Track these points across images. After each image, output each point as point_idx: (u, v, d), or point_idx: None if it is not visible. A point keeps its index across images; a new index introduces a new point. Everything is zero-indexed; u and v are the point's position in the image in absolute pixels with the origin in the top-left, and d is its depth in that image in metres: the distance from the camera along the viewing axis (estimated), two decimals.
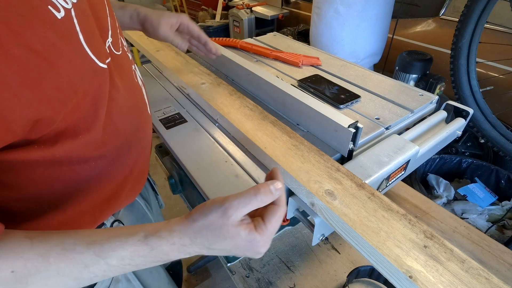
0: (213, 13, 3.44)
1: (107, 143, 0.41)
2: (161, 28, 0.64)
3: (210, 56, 0.75)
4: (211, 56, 0.75)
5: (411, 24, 1.84)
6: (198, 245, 0.34)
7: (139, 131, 0.49)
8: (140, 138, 0.50)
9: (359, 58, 1.58)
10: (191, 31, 0.69)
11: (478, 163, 1.47)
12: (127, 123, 0.45)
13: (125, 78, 0.44)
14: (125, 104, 0.44)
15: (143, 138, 0.51)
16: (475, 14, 1.12)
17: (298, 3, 2.72)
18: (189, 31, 0.69)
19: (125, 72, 0.45)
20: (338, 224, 0.40)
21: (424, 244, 0.36)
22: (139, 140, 0.50)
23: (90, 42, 0.34)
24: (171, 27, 0.66)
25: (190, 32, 0.69)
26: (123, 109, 0.43)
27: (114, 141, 0.43)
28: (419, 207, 0.81)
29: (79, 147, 0.37)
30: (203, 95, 0.67)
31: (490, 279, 0.33)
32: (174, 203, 1.85)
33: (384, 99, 0.69)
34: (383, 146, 0.54)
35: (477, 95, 1.24)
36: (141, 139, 0.50)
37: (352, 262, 0.68)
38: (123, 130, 0.44)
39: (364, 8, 1.42)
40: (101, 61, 0.36)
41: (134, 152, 0.49)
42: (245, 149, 0.56)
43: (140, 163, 0.52)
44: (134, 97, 0.47)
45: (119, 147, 0.44)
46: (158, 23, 0.64)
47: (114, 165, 0.45)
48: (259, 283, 0.64)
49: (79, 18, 0.33)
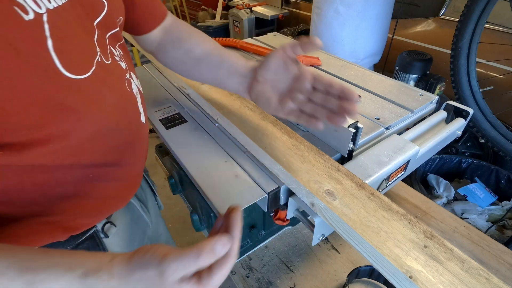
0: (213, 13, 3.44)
1: (87, 151, 0.40)
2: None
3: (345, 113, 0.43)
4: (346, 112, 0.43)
5: (411, 24, 1.84)
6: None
7: (128, 140, 0.48)
8: (129, 147, 0.48)
9: (359, 58, 1.58)
10: (323, 83, 0.45)
11: (478, 163, 1.47)
12: (114, 132, 0.44)
13: (113, 88, 0.43)
14: (111, 114, 0.43)
15: (133, 147, 0.50)
16: (475, 14, 1.12)
17: (298, 3, 2.72)
18: (320, 83, 0.45)
19: (115, 81, 0.44)
20: (338, 224, 0.40)
21: (424, 244, 0.36)
22: (128, 149, 0.48)
23: (61, 50, 0.33)
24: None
25: (321, 85, 0.45)
26: (110, 118, 0.42)
27: (96, 150, 0.42)
28: (419, 207, 0.81)
29: (51, 154, 0.36)
30: (203, 95, 0.67)
31: (490, 279, 0.33)
32: (174, 203, 1.85)
33: (384, 99, 0.69)
34: (383, 146, 0.54)
35: (477, 95, 1.24)
36: (130, 148, 0.49)
37: (352, 262, 0.68)
38: (106, 140, 0.43)
39: (364, 8, 1.42)
40: (72, 71, 0.34)
41: (122, 161, 0.48)
42: (245, 149, 0.57)
43: (132, 171, 0.51)
44: (123, 107, 0.46)
45: (102, 156, 0.43)
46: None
47: (97, 174, 0.43)
48: (259, 283, 0.65)
49: (54, 24, 0.32)
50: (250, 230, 0.69)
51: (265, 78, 0.49)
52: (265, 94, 0.50)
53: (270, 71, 0.49)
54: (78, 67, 0.36)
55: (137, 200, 0.63)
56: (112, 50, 0.45)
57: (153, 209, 0.75)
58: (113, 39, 0.47)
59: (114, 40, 0.47)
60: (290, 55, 0.46)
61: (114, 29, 0.46)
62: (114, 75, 0.44)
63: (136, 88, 0.52)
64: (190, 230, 1.70)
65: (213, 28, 3.12)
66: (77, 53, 0.36)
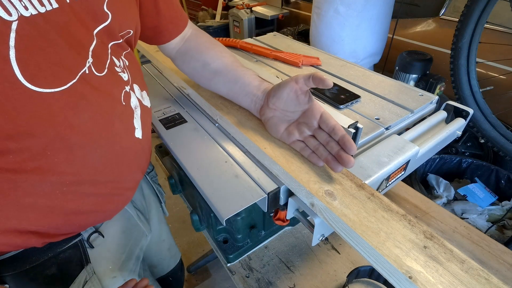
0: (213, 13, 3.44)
1: (54, 166, 0.39)
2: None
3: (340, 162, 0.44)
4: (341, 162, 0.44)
5: (411, 24, 1.84)
6: None
7: (110, 157, 0.45)
8: (113, 164, 0.46)
9: (359, 58, 1.58)
10: (328, 126, 0.46)
11: (478, 163, 1.47)
12: (91, 149, 0.42)
13: (94, 103, 0.40)
14: (89, 131, 0.40)
15: (118, 164, 0.47)
16: (475, 14, 1.12)
17: (298, 3, 2.72)
18: (323, 123, 0.47)
19: (102, 95, 0.41)
20: (338, 224, 0.40)
21: (424, 244, 0.36)
22: (111, 165, 0.46)
23: (26, 61, 0.31)
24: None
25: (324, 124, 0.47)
26: (82, 136, 0.40)
27: (65, 165, 0.40)
28: (419, 207, 0.81)
29: (12, 164, 0.35)
30: (203, 96, 0.67)
31: (490, 279, 0.33)
32: (174, 203, 1.86)
33: (384, 99, 0.69)
34: (383, 146, 0.54)
35: (477, 95, 1.24)
36: (114, 165, 0.46)
37: (352, 262, 0.68)
38: (78, 156, 0.41)
39: (364, 8, 1.42)
40: (36, 83, 0.33)
41: (102, 177, 0.45)
42: (245, 149, 0.56)
43: (117, 187, 0.49)
44: (106, 123, 0.42)
45: (75, 172, 0.41)
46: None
47: (70, 189, 0.42)
48: (259, 283, 0.65)
49: (23, 33, 0.30)
50: (250, 230, 0.69)
51: (276, 105, 0.51)
52: (273, 121, 0.52)
53: (281, 100, 0.50)
54: (47, 80, 0.34)
55: (135, 209, 0.62)
56: (114, 60, 0.44)
57: (156, 217, 0.74)
58: (118, 47, 0.45)
59: (119, 48, 0.46)
60: (302, 88, 0.47)
61: (117, 40, 0.45)
62: (103, 88, 0.41)
63: (137, 101, 0.49)
64: (190, 230, 1.71)
65: (213, 28, 3.12)
66: (50, 65, 0.34)
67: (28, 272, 0.46)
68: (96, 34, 0.40)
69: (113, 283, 0.54)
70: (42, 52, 0.33)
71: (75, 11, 0.36)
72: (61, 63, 0.35)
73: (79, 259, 0.50)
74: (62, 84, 0.35)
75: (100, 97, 0.41)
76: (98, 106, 0.41)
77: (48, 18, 0.33)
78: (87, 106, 0.39)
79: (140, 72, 0.54)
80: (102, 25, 0.40)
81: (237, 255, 0.69)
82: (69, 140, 0.38)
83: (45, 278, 0.47)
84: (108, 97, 0.42)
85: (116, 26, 0.43)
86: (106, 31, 0.41)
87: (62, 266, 0.49)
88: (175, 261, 0.88)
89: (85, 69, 0.38)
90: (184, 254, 1.58)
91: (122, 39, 0.46)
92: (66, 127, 0.38)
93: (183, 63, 0.64)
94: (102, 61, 0.41)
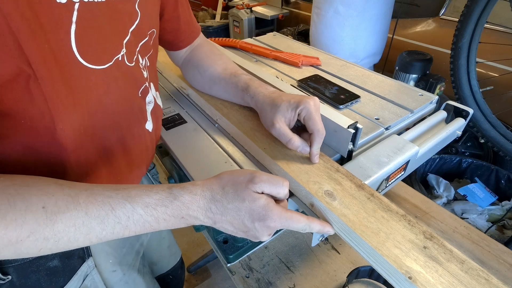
0: (213, 13, 3.44)
1: (76, 141, 0.40)
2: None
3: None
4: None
5: (411, 24, 1.84)
6: (216, 202, 0.37)
7: (125, 143, 0.48)
8: (126, 151, 0.48)
9: (359, 58, 1.58)
10: (309, 125, 0.48)
11: (478, 163, 1.47)
12: (112, 130, 0.44)
13: (122, 87, 0.44)
14: (114, 111, 0.43)
15: (129, 152, 0.49)
16: (475, 14, 1.12)
17: (298, 3, 2.72)
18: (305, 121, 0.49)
19: (128, 83, 0.45)
20: (338, 224, 0.40)
21: (423, 245, 0.36)
22: (123, 152, 0.48)
23: (82, 37, 0.35)
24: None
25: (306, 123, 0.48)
26: (107, 115, 0.43)
27: (87, 143, 0.42)
28: (419, 207, 0.81)
29: (28, 134, 0.36)
30: (203, 96, 0.67)
31: (489, 280, 0.33)
32: None
33: (384, 99, 0.69)
34: (382, 147, 0.54)
35: (477, 95, 1.24)
36: (127, 153, 0.49)
37: (352, 263, 0.68)
38: (99, 135, 0.43)
39: (364, 8, 1.42)
40: (85, 58, 0.37)
41: (115, 162, 0.47)
42: (245, 150, 0.56)
43: (127, 177, 0.50)
44: (127, 109, 0.46)
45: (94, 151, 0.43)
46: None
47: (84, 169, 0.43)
48: (259, 283, 0.65)
49: (82, 14, 0.34)
50: None
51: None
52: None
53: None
54: (93, 57, 0.37)
55: None
56: (139, 58, 0.47)
57: None
58: (144, 49, 0.49)
59: (144, 50, 0.49)
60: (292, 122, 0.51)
61: (144, 38, 0.48)
62: (130, 78, 0.45)
63: (152, 97, 0.53)
64: (190, 230, 1.71)
65: (213, 28, 3.12)
66: (96, 45, 0.38)
67: (31, 264, 0.46)
68: (131, 32, 0.43)
69: (113, 277, 0.57)
70: (93, 33, 0.37)
71: (116, 7, 0.40)
72: (105, 45, 0.39)
73: (81, 252, 0.51)
74: (103, 63, 0.39)
75: (127, 83, 0.45)
76: (124, 90, 0.44)
77: (99, 7, 0.37)
78: (116, 88, 0.43)
79: (156, 75, 0.58)
80: (134, 24, 0.44)
81: (237, 255, 0.69)
82: (94, 117, 0.41)
83: (47, 270, 0.48)
84: (132, 85, 0.46)
85: (145, 24, 0.46)
86: (138, 30, 0.45)
87: (64, 259, 0.49)
88: (175, 259, 0.88)
89: (119, 56, 0.42)
90: (184, 254, 1.58)
91: (149, 37, 0.49)
92: (96, 103, 0.40)
93: (187, 72, 0.69)
94: (131, 54, 0.45)
